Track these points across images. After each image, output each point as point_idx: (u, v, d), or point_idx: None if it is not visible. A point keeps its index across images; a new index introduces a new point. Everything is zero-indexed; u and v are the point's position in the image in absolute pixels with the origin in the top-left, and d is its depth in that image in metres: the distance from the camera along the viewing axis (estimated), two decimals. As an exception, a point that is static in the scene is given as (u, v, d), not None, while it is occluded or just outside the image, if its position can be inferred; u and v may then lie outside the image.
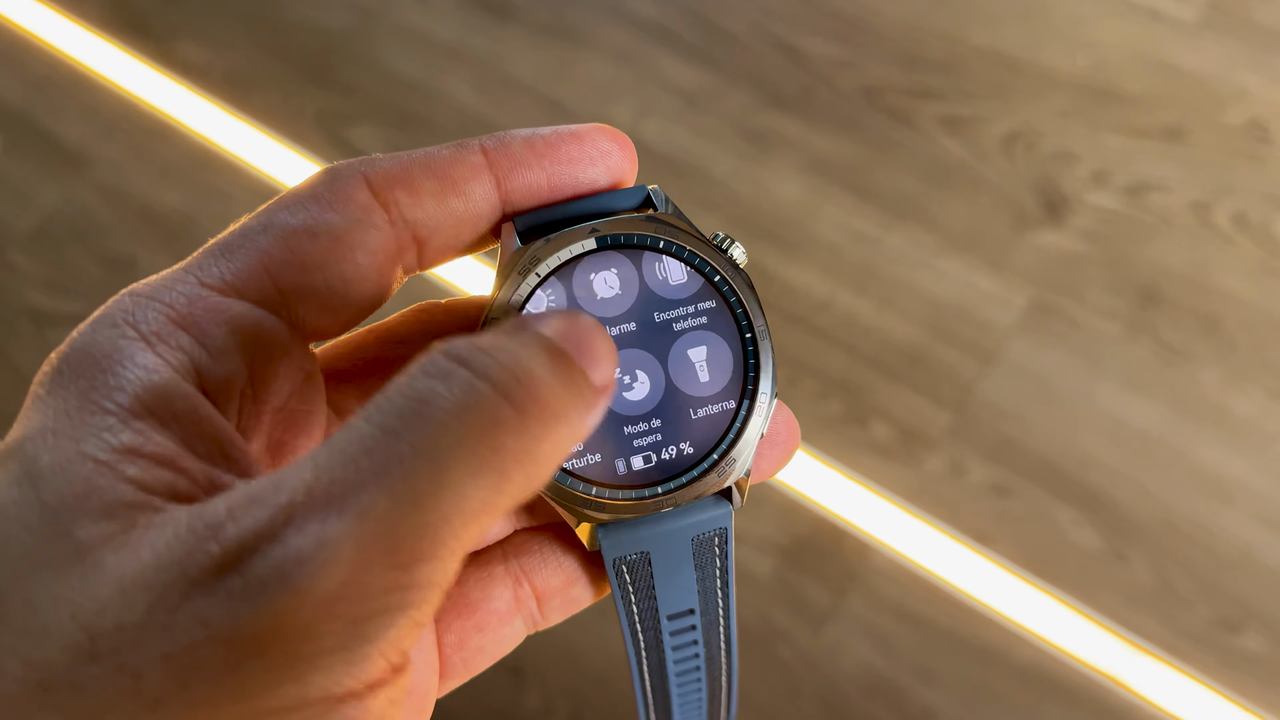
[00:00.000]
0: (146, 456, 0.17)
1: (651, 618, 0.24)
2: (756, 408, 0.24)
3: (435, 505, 0.15)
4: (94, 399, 0.17)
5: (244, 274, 0.20)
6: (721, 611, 0.25)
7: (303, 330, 0.21)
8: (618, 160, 0.23)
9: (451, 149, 0.22)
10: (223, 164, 0.92)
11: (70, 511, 0.16)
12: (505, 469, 0.16)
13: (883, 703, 0.72)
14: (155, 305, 0.19)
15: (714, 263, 0.24)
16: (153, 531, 0.16)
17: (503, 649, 0.24)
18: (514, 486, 0.16)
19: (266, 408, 0.20)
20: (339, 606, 0.15)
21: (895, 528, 0.76)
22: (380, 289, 0.21)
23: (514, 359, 0.17)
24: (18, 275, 0.90)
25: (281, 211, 0.20)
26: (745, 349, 0.24)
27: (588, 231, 0.23)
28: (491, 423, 0.16)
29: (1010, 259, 0.83)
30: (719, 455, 0.23)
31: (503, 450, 0.16)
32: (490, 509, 0.16)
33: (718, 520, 0.24)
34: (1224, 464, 0.76)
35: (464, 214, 0.22)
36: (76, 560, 0.15)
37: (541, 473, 0.17)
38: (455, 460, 0.16)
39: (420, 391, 0.16)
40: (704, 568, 0.24)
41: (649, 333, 0.24)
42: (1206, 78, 0.88)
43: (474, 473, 0.16)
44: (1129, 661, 0.72)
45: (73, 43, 0.98)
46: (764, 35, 0.93)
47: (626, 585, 0.24)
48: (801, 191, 0.87)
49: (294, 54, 0.96)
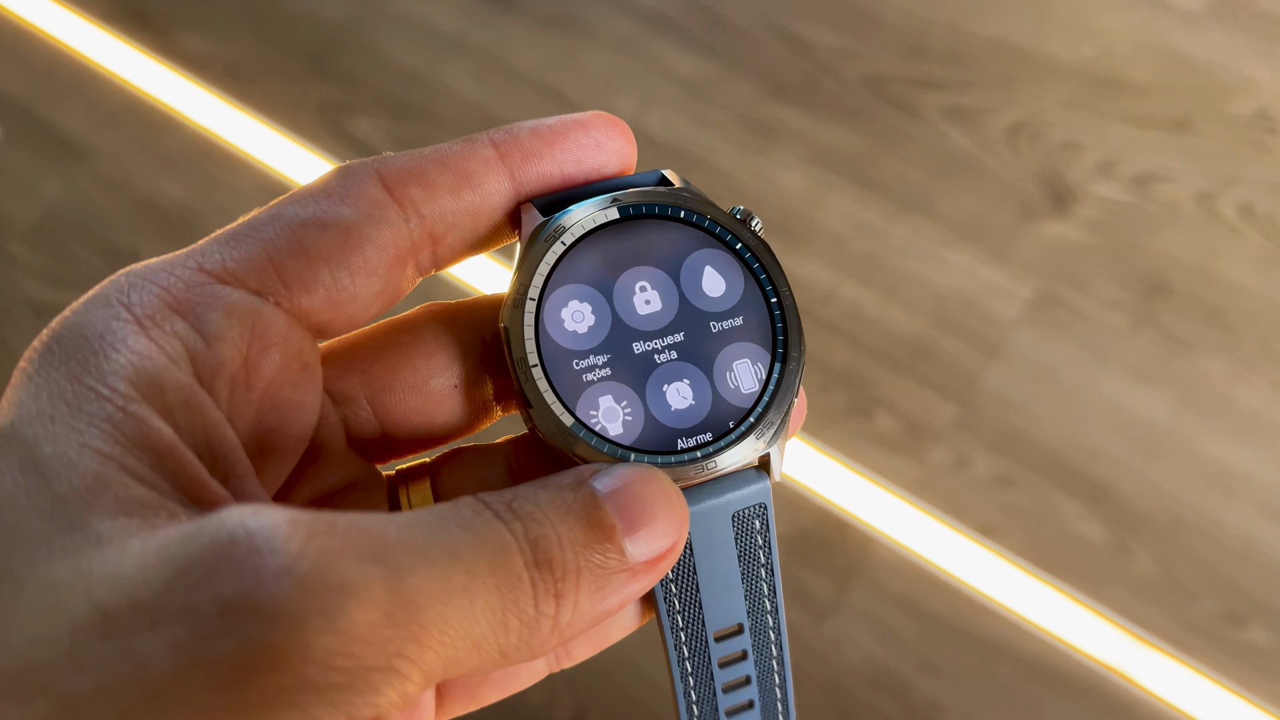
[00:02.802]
0: (147, 450, 0.17)
1: (698, 638, 0.24)
2: (789, 370, 0.23)
3: (458, 608, 0.16)
4: (87, 383, 0.17)
5: (246, 262, 0.20)
6: (773, 631, 0.24)
7: (305, 321, 0.21)
8: (622, 145, 0.23)
9: (462, 144, 0.22)
10: (224, 155, 0.92)
11: (85, 506, 0.16)
12: (507, 622, 0.17)
13: (886, 695, 0.72)
14: (152, 287, 0.19)
15: (735, 231, 0.24)
16: (176, 527, 0.16)
17: (516, 686, 0.24)
18: (507, 640, 0.17)
19: (258, 395, 0.20)
20: (358, 647, 0.15)
21: (899, 520, 0.76)
22: (391, 285, 0.21)
23: (543, 535, 0.18)
24: (18, 267, 0.90)
25: (291, 204, 0.20)
26: (772, 315, 0.24)
27: (609, 201, 0.23)
28: (514, 581, 0.17)
29: (1015, 250, 0.83)
30: (755, 417, 0.23)
31: (513, 607, 0.17)
32: (482, 649, 0.17)
33: (757, 495, 0.23)
34: (1230, 456, 0.76)
35: (479, 208, 0.22)
36: (98, 546, 0.15)
37: (539, 644, 0.18)
38: (482, 587, 0.17)
39: (468, 517, 0.17)
40: (748, 562, 0.24)
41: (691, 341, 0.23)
42: (1213, 68, 0.88)
43: (490, 607, 0.17)
44: (1133, 654, 0.72)
45: (74, 34, 0.98)
46: (767, 25, 0.93)
47: (669, 587, 0.23)
48: (805, 182, 0.86)
49: (295, 45, 0.96)
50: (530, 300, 0.22)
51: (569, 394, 0.22)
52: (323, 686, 0.14)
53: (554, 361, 0.22)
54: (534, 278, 0.22)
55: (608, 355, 0.23)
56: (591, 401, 0.22)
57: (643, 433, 0.22)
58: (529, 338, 0.22)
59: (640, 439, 0.22)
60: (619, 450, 0.22)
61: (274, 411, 0.20)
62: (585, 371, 0.22)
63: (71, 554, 0.15)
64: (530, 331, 0.22)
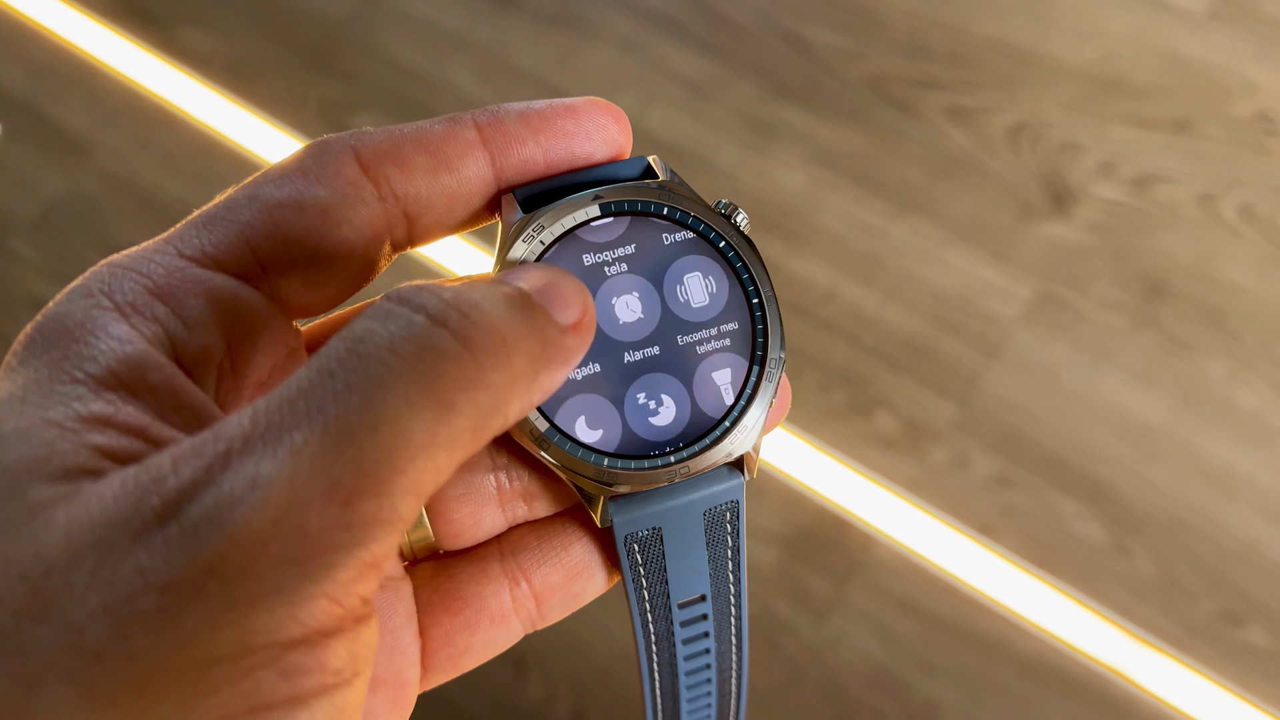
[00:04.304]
0: (115, 426, 0.16)
1: (663, 605, 0.24)
2: (767, 374, 0.23)
3: (373, 439, 0.15)
4: (65, 368, 0.17)
5: (224, 246, 0.19)
6: (733, 597, 0.24)
7: (286, 305, 0.20)
8: (614, 134, 0.23)
9: (444, 124, 0.21)
10: (225, 152, 0.92)
11: (27, 474, 0.16)
12: (448, 399, 0.16)
13: (885, 694, 0.72)
14: (132, 276, 0.19)
15: (718, 228, 0.23)
16: (100, 486, 0.15)
17: (493, 649, 0.24)
18: (464, 418, 0.16)
19: (247, 382, 0.20)
20: (274, 546, 0.14)
21: (899, 519, 0.76)
22: (367, 265, 0.21)
23: (459, 295, 0.17)
24: (20, 263, 0.90)
25: (267, 184, 0.20)
26: (752, 315, 0.23)
27: (591, 198, 0.23)
28: (428, 351, 0.16)
29: (1016, 251, 0.83)
30: (730, 422, 0.23)
31: (443, 378, 0.16)
32: (441, 442, 0.16)
33: (730, 493, 0.23)
34: (1229, 457, 0.76)
35: (456, 191, 0.21)
36: (28, 519, 0.15)
37: (497, 402, 0.16)
38: (391, 392, 0.15)
39: (357, 332, 0.16)
40: (715, 546, 0.24)
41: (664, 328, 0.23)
42: (1214, 69, 0.88)
43: (412, 404, 0.15)
44: (1132, 654, 0.72)
45: (75, 30, 0.98)
46: (769, 24, 0.93)
47: (638, 566, 0.23)
48: (806, 182, 0.86)
49: (297, 42, 0.96)
50: None
51: (548, 403, 0.22)
52: (254, 596, 0.14)
53: None
54: None
55: (586, 364, 0.23)
56: (570, 412, 0.22)
57: (620, 443, 0.23)
58: None
59: (618, 448, 0.23)
60: (592, 455, 0.22)
61: None
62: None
63: (5, 530, 0.15)
64: None
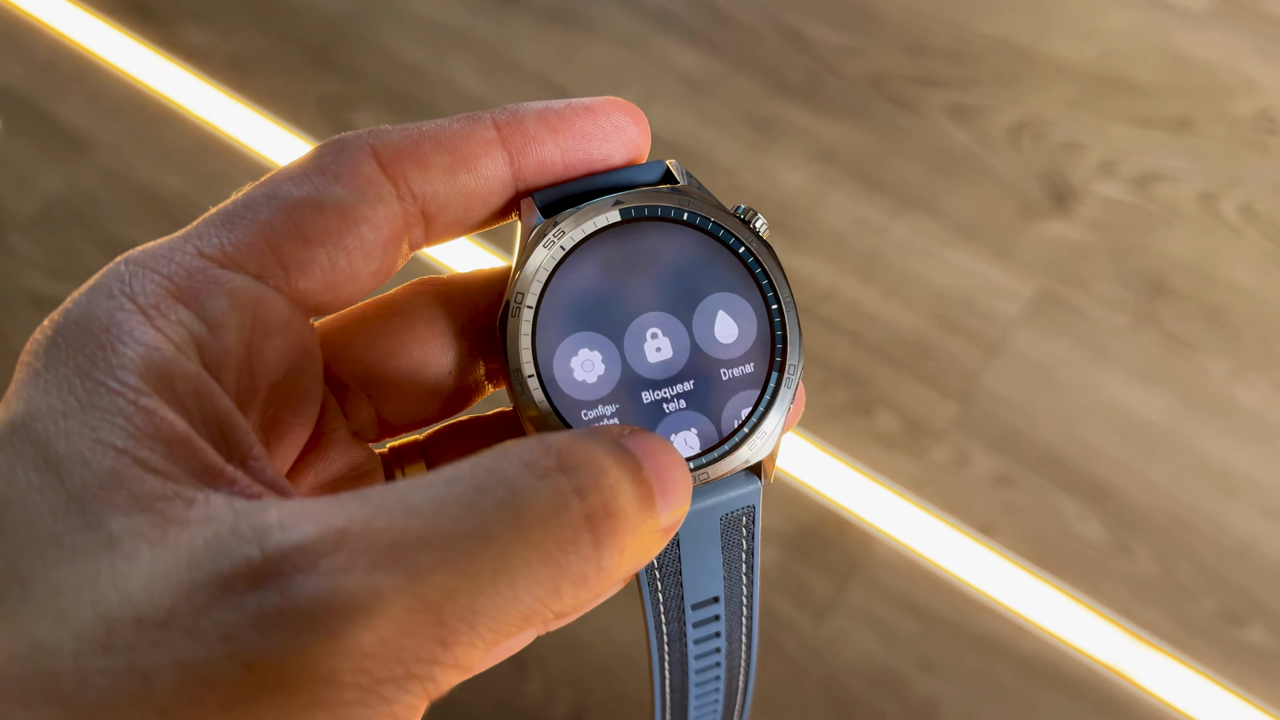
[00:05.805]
0: (162, 441, 0.16)
1: (676, 606, 0.24)
2: (785, 380, 0.23)
3: (491, 596, 0.15)
4: (97, 377, 0.17)
5: (244, 246, 0.19)
6: (745, 599, 0.24)
7: (303, 304, 0.20)
8: (632, 135, 0.23)
9: (463, 122, 0.21)
10: (225, 148, 0.92)
11: (99, 503, 0.15)
12: (560, 586, 0.16)
13: (885, 693, 0.72)
14: (153, 276, 0.18)
15: (738, 234, 0.23)
16: (193, 528, 0.15)
17: (505, 652, 0.23)
18: (562, 604, 0.16)
19: (263, 383, 0.20)
20: (370, 663, 0.14)
21: (899, 518, 0.76)
22: (385, 264, 0.21)
23: (609, 486, 0.17)
24: (19, 259, 0.89)
25: (286, 183, 0.20)
26: (772, 321, 0.23)
27: (611, 204, 0.23)
28: (568, 544, 0.16)
29: (1017, 249, 0.83)
30: (749, 429, 0.23)
31: (568, 570, 0.16)
32: (532, 619, 0.16)
33: (747, 498, 0.23)
34: (1230, 456, 0.76)
35: (474, 190, 0.21)
36: (108, 550, 0.15)
37: (586, 602, 0.17)
38: (521, 561, 0.16)
39: (511, 479, 0.16)
40: (731, 550, 0.24)
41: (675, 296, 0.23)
42: (1215, 68, 0.88)
43: (535, 580, 0.16)
44: (1132, 654, 0.72)
45: (75, 26, 0.98)
46: (771, 22, 0.92)
47: (654, 569, 0.23)
48: (807, 179, 0.86)
49: (297, 38, 0.96)
50: (528, 309, 0.22)
51: (569, 412, 0.22)
52: (334, 704, 0.14)
53: (563, 412, 0.22)
54: (533, 284, 0.22)
55: (616, 405, 0.22)
56: None
57: None
58: (525, 347, 0.22)
59: None
60: None
61: (280, 400, 0.20)
62: (593, 420, 0.22)
63: (81, 556, 0.15)
64: (527, 341, 0.22)
